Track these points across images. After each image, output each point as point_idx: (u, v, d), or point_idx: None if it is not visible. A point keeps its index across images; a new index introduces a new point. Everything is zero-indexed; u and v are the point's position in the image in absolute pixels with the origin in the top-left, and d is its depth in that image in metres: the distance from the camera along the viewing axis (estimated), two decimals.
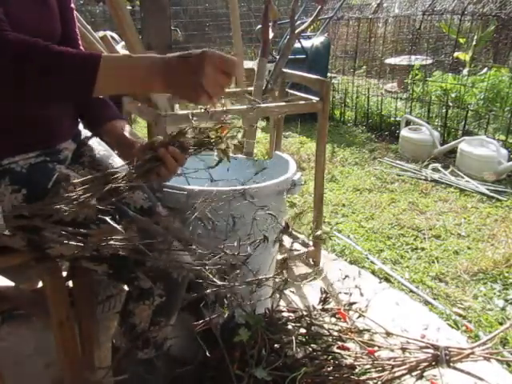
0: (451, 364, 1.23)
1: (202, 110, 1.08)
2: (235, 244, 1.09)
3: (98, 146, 1.35)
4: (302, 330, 1.27)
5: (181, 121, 1.25)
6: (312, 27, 5.59)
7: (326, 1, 4.54)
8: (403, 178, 3.33)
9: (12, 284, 1.41)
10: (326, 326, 1.27)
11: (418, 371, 1.20)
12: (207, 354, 1.11)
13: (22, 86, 0.89)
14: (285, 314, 1.31)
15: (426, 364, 1.22)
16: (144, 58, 0.94)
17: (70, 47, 1.25)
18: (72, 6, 1.26)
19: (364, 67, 5.77)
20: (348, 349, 1.28)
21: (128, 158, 1.20)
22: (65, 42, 1.23)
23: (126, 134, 1.24)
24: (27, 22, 1.07)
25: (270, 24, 2.19)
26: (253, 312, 1.22)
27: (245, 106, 1.81)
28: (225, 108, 1.15)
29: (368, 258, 2.30)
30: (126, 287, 1.20)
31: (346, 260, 2.30)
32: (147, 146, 1.10)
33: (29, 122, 1.10)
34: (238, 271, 1.06)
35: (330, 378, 1.17)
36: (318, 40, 4.61)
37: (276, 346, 1.18)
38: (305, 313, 1.28)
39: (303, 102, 2.03)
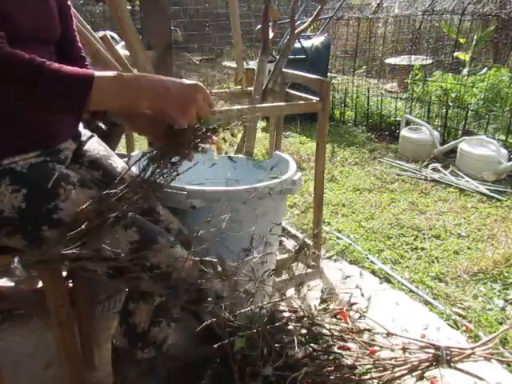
0: (452, 364, 1.23)
1: None
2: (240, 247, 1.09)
3: (98, 145, 1.35)
4: (303, 330, 1.27)
5: None
6: (312, 27, 5.59)
7: (326, 1, 4.54)
8: (403, 177, 3.34)
9: (12, 284, 1.41)
10: (326, 326, 1.27)
11: (419, 371, 1.20)
12: (207, 354, 1.11)
13: (19, 98, 0.91)
14: (285, 314, 1.30)
15: (426, 364, 1.22)
16: (133, 81, 0.95)
17: (68, 45, 1.26)
18: (69, 3, 1.26)
19: (364, 67, 5.77)
20: (349, 349, 1.28)
21: (139, 128, 1.20)
22: (63, 40, 1.23)
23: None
24: (27, 21, 1.07)
25: (270, 24, 2.19)
26: (254, 312, 1.22)
27: (245, 106, 1.81)
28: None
29: (368, 258, 2.30)
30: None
31: (346, 260, 2.29)
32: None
33: (29, 122, 1.10)
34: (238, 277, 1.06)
35: (331, 377, 1.17)
36: (318, 40, 4.61)
37: (277, 345, 1.18)
38: (306, 313, 1.27)
39: (303, 101, 2.03)
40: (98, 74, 0.91)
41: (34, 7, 1.10)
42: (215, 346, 1.13)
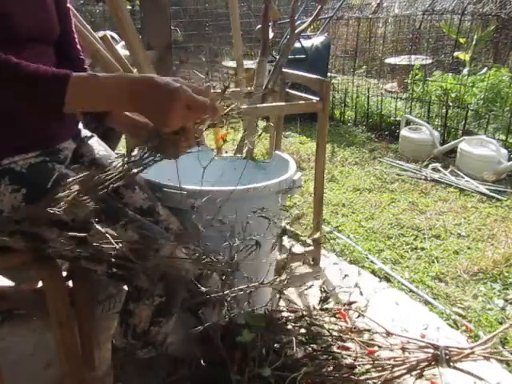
0: (451, 364, 1.23)
1: None
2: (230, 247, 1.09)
3: (98, 145, 1.35)
4: (302, 330, 1.27)
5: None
6: (312, 27, 5.59)
7: (325, 0, 4.54)
8: (403, 177, 3.34)
9: (12, 284, 1.41)
10: (326, 325, 1.27)
11: (418, 371, 1.21)
12: (207, 354, 1.11)
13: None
14: (285, 314, 1.31)
15: (425, 364, 1.22)
16: (109, 78, 0.91)
17: (67, 46, 1.27)
18: (68, 5, 1.26)
19: (364, 67, 5.77)
20: (348, 348, 1.28)
21: (134, 133, 1.21)
22: (62, 41, 1.24)
23: (134, 115, 1.23)
24: (26, 21, 1.07)
25: (270, 24, 2.19)
26: (253, 312, 1.22)
27: (245, 106, 1.81)
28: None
29: (368, 258, 2.30)
30: (125, 287, 1.20)
31: (345, 260, 2.30)
32: None
33: (29, 121, 1.10)
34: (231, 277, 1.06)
35: (330, 377, 1.17)
36: (317, 40, 4.61)
37: (276, 345, 1.18)
38: (305, 313, 1.28)
39: (303, 101, 2.03)
40: (74, 73, 0.88)
41: (32, 7, 1.10)
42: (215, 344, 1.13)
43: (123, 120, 1.25)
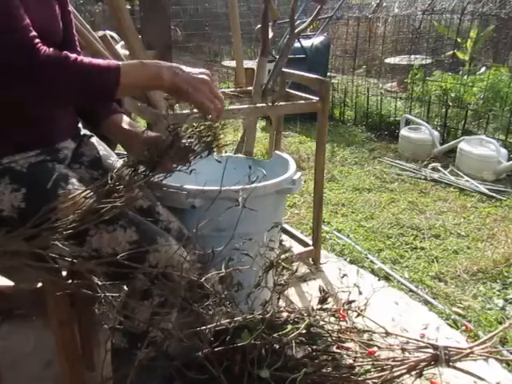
0: (451, 363, 1.23)
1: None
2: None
3: (97, 145, 1.35)
4: (302, 331, 1.27)
5: (180, 120, 1.26)
6: (312, 27, 5.58)
7: (325, 0, 4.53)
8: (403, 177, 3.34)
9: (12, 284, 1.40)
10: (325, 326, 1.27)
11: (418, 371, 1.20)
12: (207, 355, 1.11)
13: (54, 98, 1.02)
14: (284, 315, 1.30)
15: (425, 364, 1.22)
16: (153, 64, 1.07)
17: (69, 49, 1.27)
18: (70, 8, 1.27)
19: (364, 67, 5.77)
20: (348, 349, 1.28)
21: (132, 150, 1.25)
22: (64, 44, 1.24)
23: (127, 126, 1.27)
24: (36, 23, 1.07)
25: (270, 24, 2.19)
26: (252, 313, 1.21)
27: (245, 106, 1.81)
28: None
29: (367, 258, 2.30)
30: (125, 287, 1.20)
31: (345, 259, 2.30)
32: (151, 141, 1.16)
33: (29, 121, 1.10)
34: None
35: (330, 378, 1.16)
36: (317, 40, 4.61)
37: (276, 346, 1.18)
38: (304, 313, 1.27)
39: (303, 101, 2.03)
40: (122, 62, 1.05)
41: (38, 9, 1.11)
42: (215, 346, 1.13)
43: (117, 131, 1.27)
